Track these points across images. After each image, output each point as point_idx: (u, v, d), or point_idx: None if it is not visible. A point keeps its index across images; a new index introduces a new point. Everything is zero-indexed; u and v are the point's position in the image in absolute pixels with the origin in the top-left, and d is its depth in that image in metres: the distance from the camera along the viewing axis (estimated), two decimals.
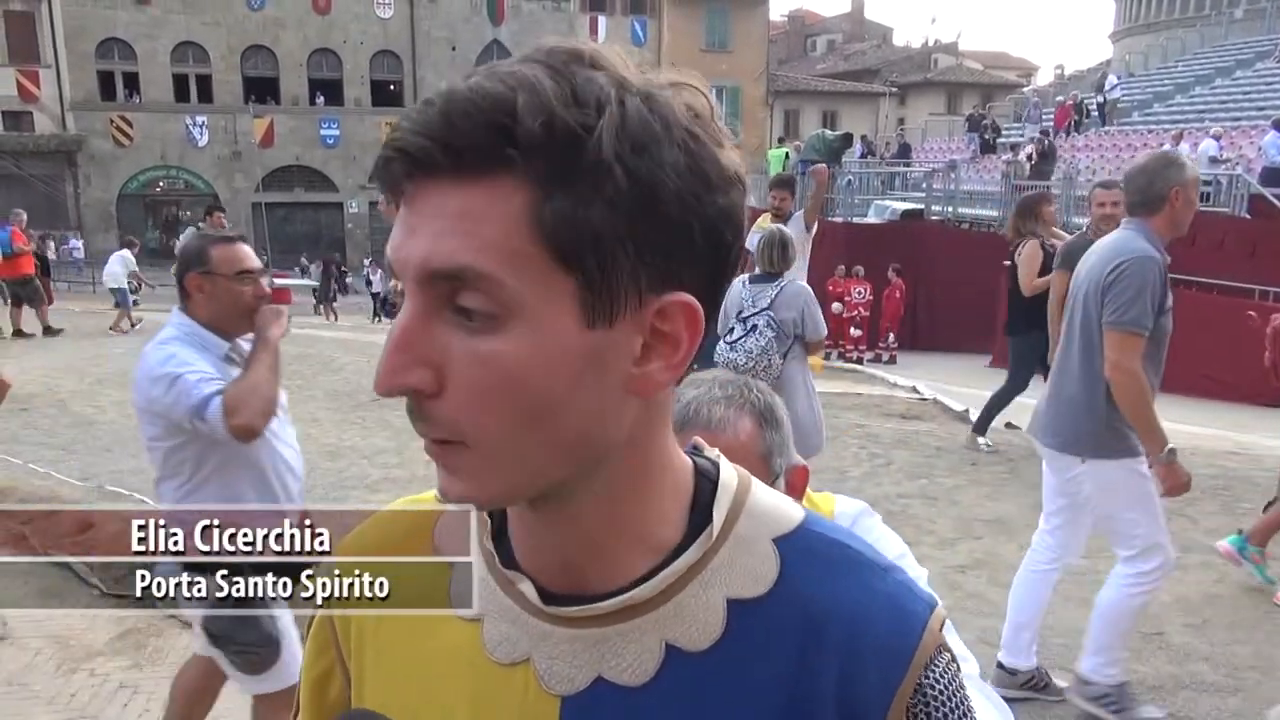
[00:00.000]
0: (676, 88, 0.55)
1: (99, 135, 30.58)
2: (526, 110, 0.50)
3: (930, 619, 0.60)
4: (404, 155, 0.52)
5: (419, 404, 0.54)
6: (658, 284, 0.54)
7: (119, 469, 5.97)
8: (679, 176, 0.52)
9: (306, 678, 0.74)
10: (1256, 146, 15.53)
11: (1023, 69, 58.91)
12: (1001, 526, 4.97)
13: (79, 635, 3.86)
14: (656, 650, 0.59)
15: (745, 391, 1.21)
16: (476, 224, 0.51)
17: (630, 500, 0.59)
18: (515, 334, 0.51)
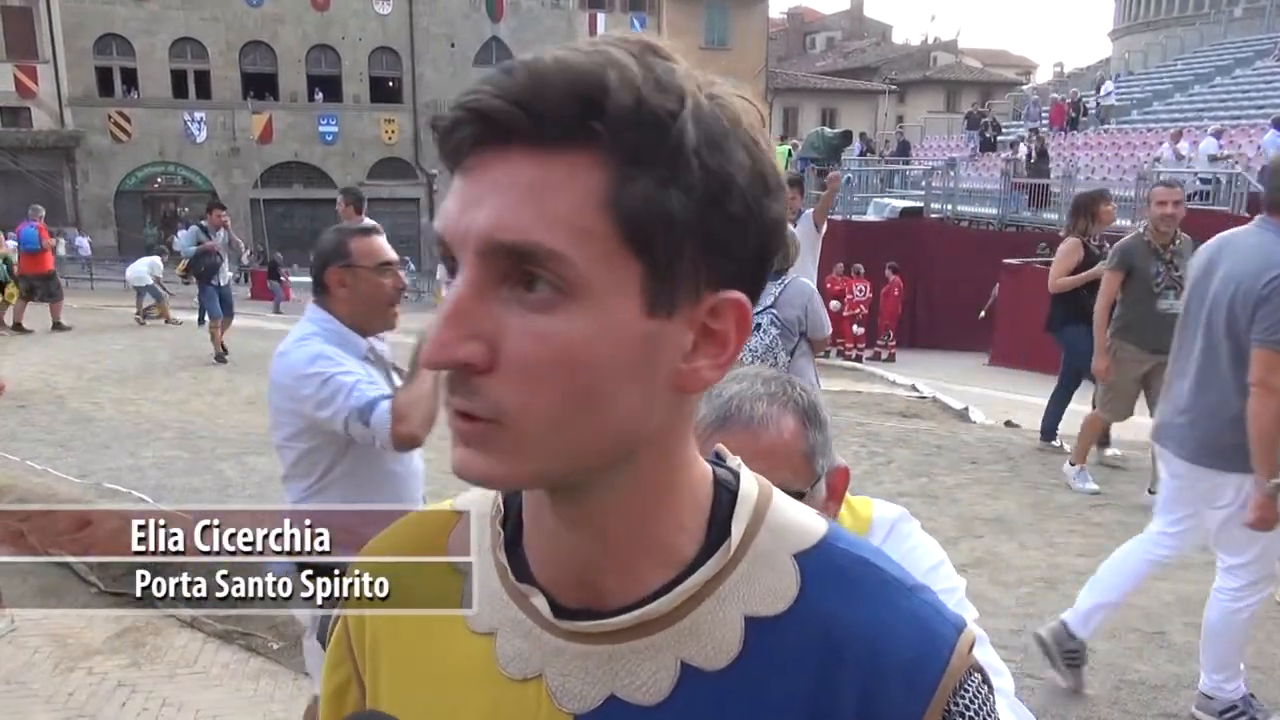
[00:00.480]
0: (737, 95, 0.55)
1: (97, 131, 30.51)
2: (619, 86, 0.49)
3: (959, 641, 0.58)
4: (480, 119, 0.50)
5: (466, 379, 0.51)
6: (715, 280, 0.53)
7: (117, 466, 5.95)
8: (746, 177, 0.52)
9: (326, 689, 0.73)
10: (1256, 145, 15.54)
11: (1022, 67, 58.88)
12: (1002, 525, 4.96)
13: (77, 634, 3.85)
14: (672, 668, 0.57)
15: (788, 389, 1.17)
16: (550, 198, 0.49)
17: (652, 503, 0.58)
18: (577, 314, 0.50)
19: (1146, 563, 3.21)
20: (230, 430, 7.01)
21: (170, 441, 6.65)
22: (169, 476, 5.73)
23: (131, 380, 8.98)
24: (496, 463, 0.52)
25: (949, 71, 47.77)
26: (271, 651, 3.67)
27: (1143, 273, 5.09)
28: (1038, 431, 6.63)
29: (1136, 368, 5.15)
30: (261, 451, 6.35)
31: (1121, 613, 3.85)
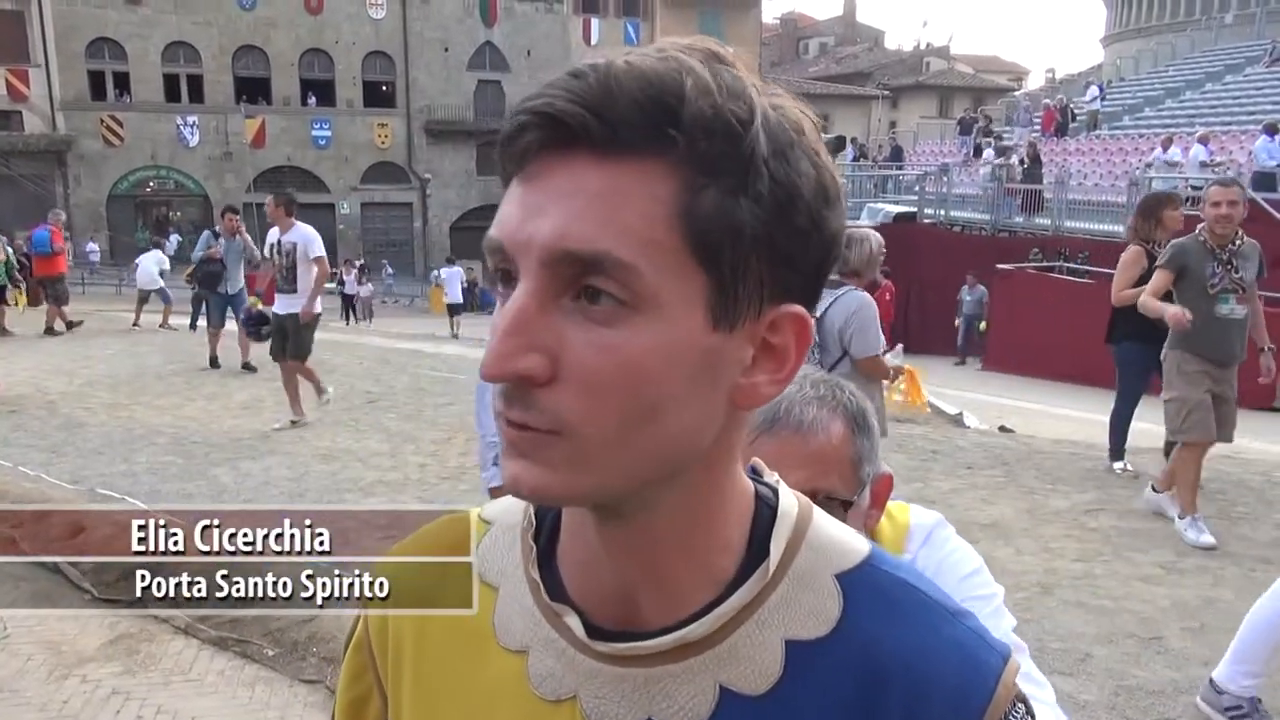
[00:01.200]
0: (796, 105, 0.54)
1: (89, 135, 30.44)
2: (695, 93, 0.48)
3: (1004, 671, 0.57)
4: (550, 122, 0.48)
5: (525, 392, 0.50)
6: (778, 294, 0.52)
7: (110, 472, 5.92)
8: (810, 188, 0.51)
9: (342, 700, 0.72)
10: (1246, 151, 15.61)
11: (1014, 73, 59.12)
12: (998, 530, 4.96)
13: (70, 641, 3.82)
14: (711, 692, 0.56)
15: (838, 393, 1.15)
16: (620, 207, 0.48)
17: (700, 522, 0.56)
18: (642, 327, 0.49)
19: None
20: (224, 436, 6.98)
21: (163, 447, 6.61)
22: (162, 482, 5.70)
23: (124, 385, 8.93)
24: (552, 477, 0.51)
25: (941, 77, 47.96)
26: (267, 658, 3.65)
27: (1197, 274, 4.70)
28: (1032, 435, 6.64)
29: (1204, 380, 4.72)
30: (255, 457, 6.33)
31: (1117, 618, 3.86)
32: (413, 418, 7.79)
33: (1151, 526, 5.03)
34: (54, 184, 29.91)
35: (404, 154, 34.26)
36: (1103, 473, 6.14)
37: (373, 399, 8.65)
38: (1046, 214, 16.22)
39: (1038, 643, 3.60)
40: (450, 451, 6.62)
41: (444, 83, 34.05)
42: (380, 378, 9.91)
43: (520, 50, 34.55)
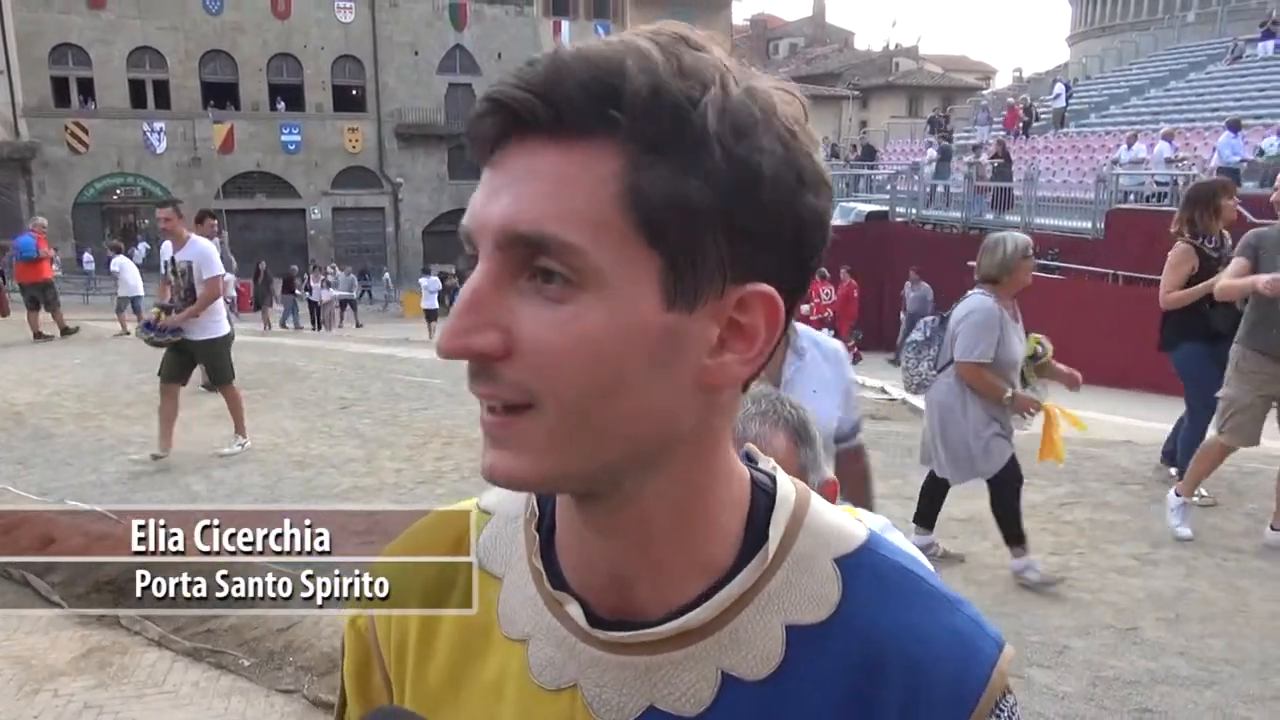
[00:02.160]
0: (776, 88, 0.54)
1: (53, 142, 29.99)
2: (636, 73, 0.49)
3: (999, 659, 0.57)
4: (502, 109, 0.50)
5: (486, 367, 0.51)
6: (742, 273, 0.52)
7: (79, 483, 5.82)
8: (775, 167, 0.51)
9: (348, 669, 0.71)
10: (1210, 147, 15.84)
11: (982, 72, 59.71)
12: (975, 525, 4.99)
13: (40, 655, 3.75)
14: (713, 679, 0.56)
15: (778, 407, 1.17)
16: (567, 188, 0.49)
17: (688, 507, 0.56)
18: (592, 305, 0.49)
19: None
20: (196, 444, 6.89)
21: (134, 456, 6.52)
22: (133, 492, 5.62)
23: (92, 395, 8.80)
24: (525, 461, 0.52)
25: (911, 77, 48.33)
26: (243, 669, 3.60)
27: (1270, 265, 4.30)
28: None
29: (1259, 381, 4.36)
30: (227, 464, 6.25)
31: (1094, 610, 3.90)
32: (388, 423, 7.73)
33: (1126, 519, 5.08)
34: (18, 192, 29.44)
35: (375, 158, 34.05)
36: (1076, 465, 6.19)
37: (346, 404, 8.58)
38: (1016, 211, 16.37)
39: (1016, 636, 3.62)
40: (426, 456, 6.57)
41: (414, 86, 33.87)
42: (354, 383, 9.83)
43: (491, 53, 34.44)
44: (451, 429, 7.39)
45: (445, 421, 7.72)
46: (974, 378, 3.94)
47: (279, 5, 32.01)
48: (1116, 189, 14.79)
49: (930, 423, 4.31)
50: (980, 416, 4.05)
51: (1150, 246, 13.27)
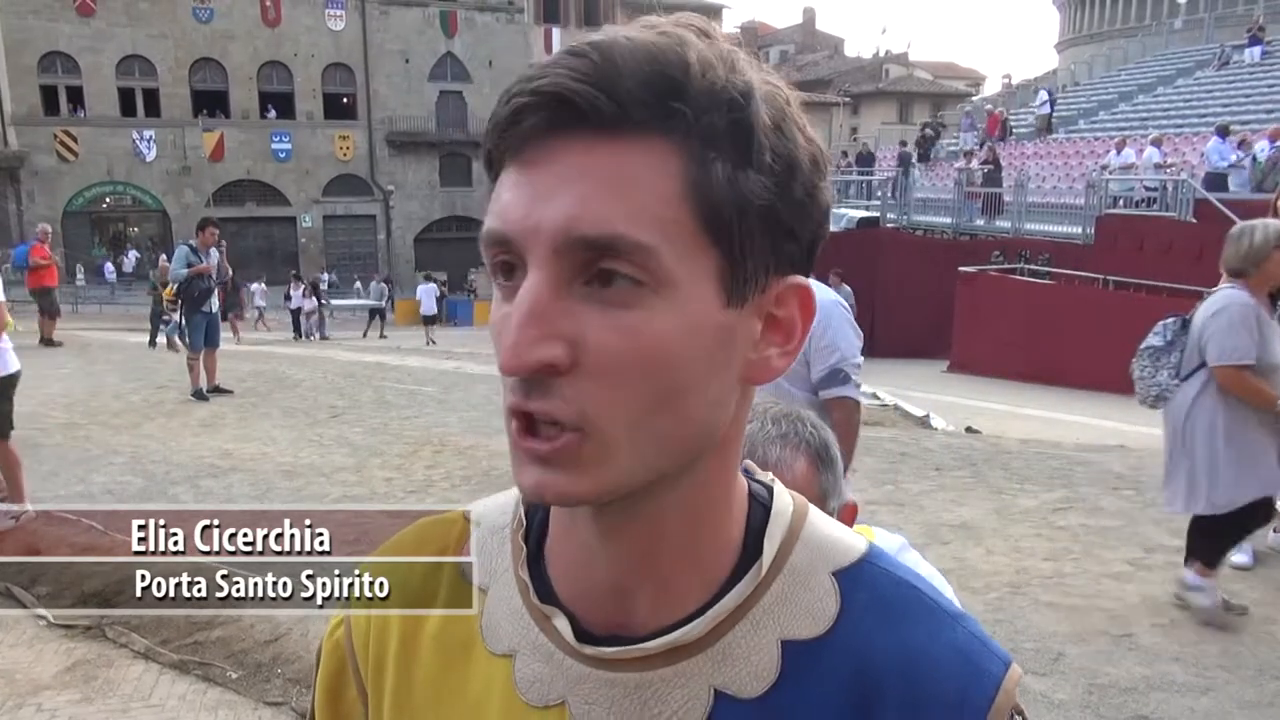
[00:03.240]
0: (777, 78, 0.54)
1: (42, 151, 29.87)
2: (700, 67, 0.48)
3: (1005, 679, 0.55)
4: (555, 102, 0.47)
5: (545, 381, 0.48)
6: (781, 267, 0.52)
7: (66, 493, 5.78)
8: (804, 158, 0.51)
9: (320, 687, 0.69)
10: (1199, 152, 15.91)
11: (971, 78, 59.98)
12: (968, 532, 4.98)
13: (25, 668, 3.70)
14: (704, 697, 0.54)
15: (800, 428, 1.13)
16: (631, 186, 0.47)
17: (705, 512, 0.55)
18: (660, 308, 0.48)
19: None
20: (184, 454, 6.84)
21: (122, 467, 6.47)
22: (120, 502, 5.56)
23: (80, 405, 8.74)
24: (578, 478, 0.49)
25: (901, 83, 48.54)
26: (230, 681, 3.55)
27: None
28: (999, 436, 6.68)
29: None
30: (216, 474, 6.21)
31: (1088, 617, 3.88)
32: (378, 431, 7.69)
33: (1119, 524, 5.07)
34: (7, 201, 29.31)
35: (366, 166, 34.01)
36: (1069, 470, 6.19)
37: (337, 413, 8.54)
38: (1007, 217, 16.42)
39: (1010, 643, 3.60)
40: (416, 465, 6.53)
41: (405, 94, 33.86)
42: (345, 391, 9.79)
43: (481, 60, 34.45)
44: (442, 437, 7.35)
45: (436, 429, 7.69)
46: (1236, 383, 3.42)
47: (269, 13, 31.98)
48: (1106, 194, 14.84)
49: (1173, 441, 3.72)
50: (1240, 431, 3.48)
51: (1139, 251, 13.36)
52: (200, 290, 8.97)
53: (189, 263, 8.93)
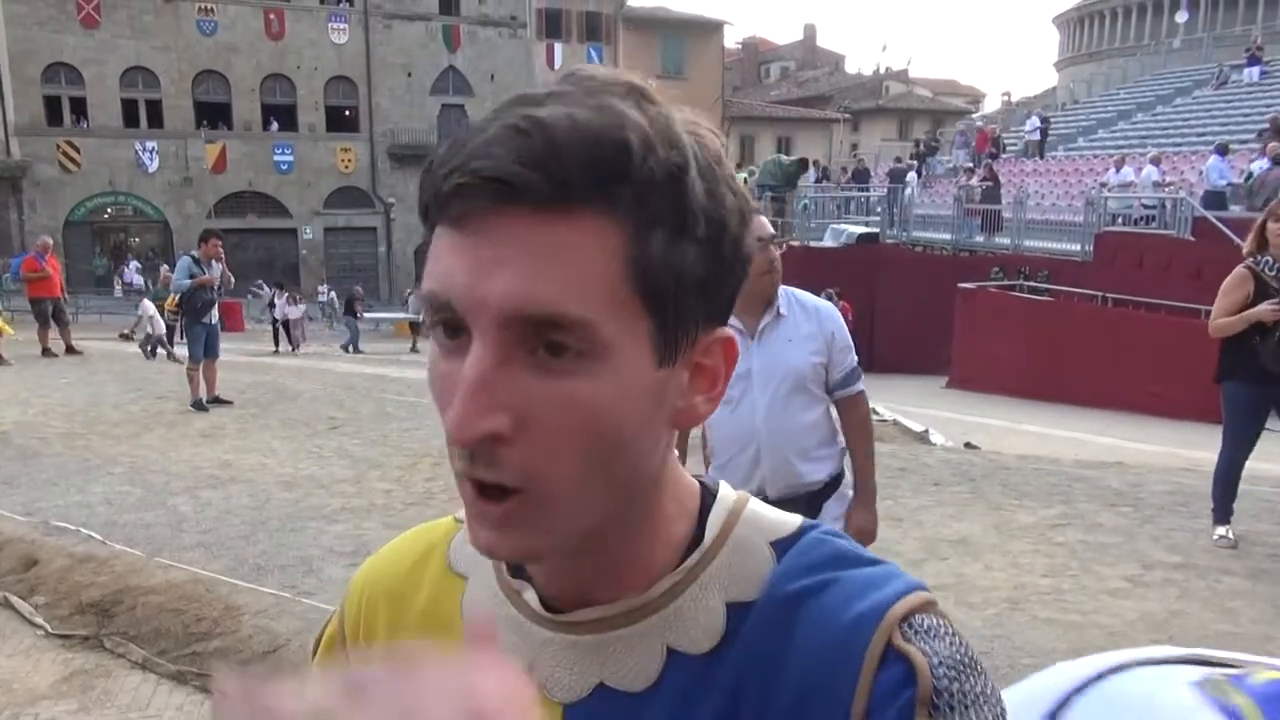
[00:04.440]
0: (700, 123, 0.55)
1: (45, 161, 29.94)
2: (639, 148, 0.49)
3: (909, 595, 0.56)
4: (495, 184, 0.48)
5: (490, 450, 0.51)
6: (709, 321, 0.55)
7: (65, 503, 5.77)
8: (734, 218, 0.54)
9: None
10: (1198, 171, 15.97)
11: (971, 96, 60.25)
12: (966, 548, 4.98)
13: (22, 678, 3.70)
14: (659, 655, 0.58)
15: None
16: (572, 263, 0.49)
17: (645, 529, 0.59)
18: (599, 373, 0.50)
19: None
20: (183, 465, 6.84)
21: (121, 477, 6.47)
22: (119, 513, 5.56)
23: (79, 415, 8.74)
24: (529, 537, 0.53)
25: (901, 100, 48.73)
26: None
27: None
28: (997, 452, 6.68)
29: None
30: (215, 485, 6.21)
31: (1086, 633, 3.88)
32: (377, 443, 7.69)
33: (1117, 541, 5.08)
34: (8, 211, 29.35)
35: (367, 178, 34.09)
36: (1067, 486, 6.19)
37: (336, 425, 8.54)
38: (1006, 233, 16.47)
39: (1008, 659, 3.60)
40: (416, 477, 6.54)
41: (407, 107, 33.97)
42: (344, 403, 9.79)
43: (484, 75, 34.59)
44: (441, 449, 7.32)
45: (435, 442, 7.69)
46: None
47: (273, 26, 32.13)
48: (1105, 212, 14.89)
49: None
50: None
51: (1138, 268, 13.39)
52: (203, 301, 8.99)
53: (191, 274, 8.93)
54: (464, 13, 34.44)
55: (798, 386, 2.68)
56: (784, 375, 2.65)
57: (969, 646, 0.56)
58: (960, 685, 0.53)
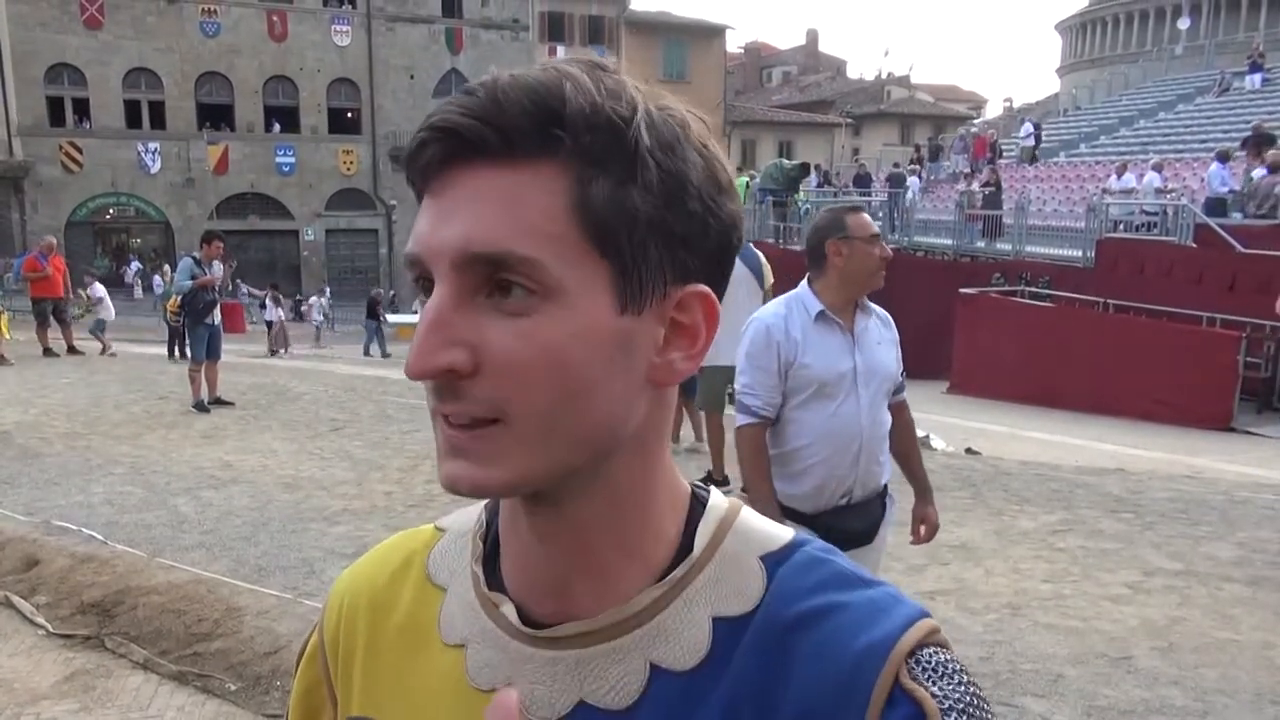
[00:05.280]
0: (686, 109, 0.58)
1: (47, 161, 29.96)
2: (575, 95, 0.52)
3: (920, 618, 0.56)
4: (450, 136, 0.53)
5: (454, 385, 0.53)
6: (680, 276, 0.56)
7: (66, 503, 5.77)
8: (699, 176, 0.55)
9: (295, 713, 0.74)
10: (1199, 177, 15.98)
11: (973, 101, 60.26)
12: (968, 553, 4.98)
13: (24, 678, 3.70)
14: (641, 671, 0.57)
15: None
16: (520, 207, 0.52)
17: (629, 507, 0.59)
18: (553, 314, 0.52)
19: None
20: (184, 465, 6.84)
21: (122, 477, 6.47)
22: (120, 513, 5.57)
23: (80, 415, 8.75)
24: (490, 469, 0.54)
25: (903, 105, 48.73)
26: (229, 693, 3.55)
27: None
28: (998, 457, 6.67)
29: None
30: (217, 486, 6.21)
31: (1087, 639, 3.88)
32: (379, 445, 7.69)
33: (1118, 547, 5.08)
34: (10, 211, 29.37)
35: (369, 180, 34.12)
36: (1068, 492, 6.19)
37: (337, 426, 8.54)
38: (1008, 239, 16.46)
39: (1009, 664, 3.60)
40: (417, 479, 6.54)
41: (410, 109, 33.99)
42: (345, 405, 9.79)
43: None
44: None
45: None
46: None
47: (275, 28, 32.17)
48: (1107, 218, 14.88)
49: None
50: None
51: (1139, 275, 13.39)
52: (204, 303, 9.01)
53: (193, 275, 8.95)
54: (466, 15, 34.50)
55: (886, 389, 2.79)
56: (882, 376, 2.76)
57: (976, 686, 0.57)
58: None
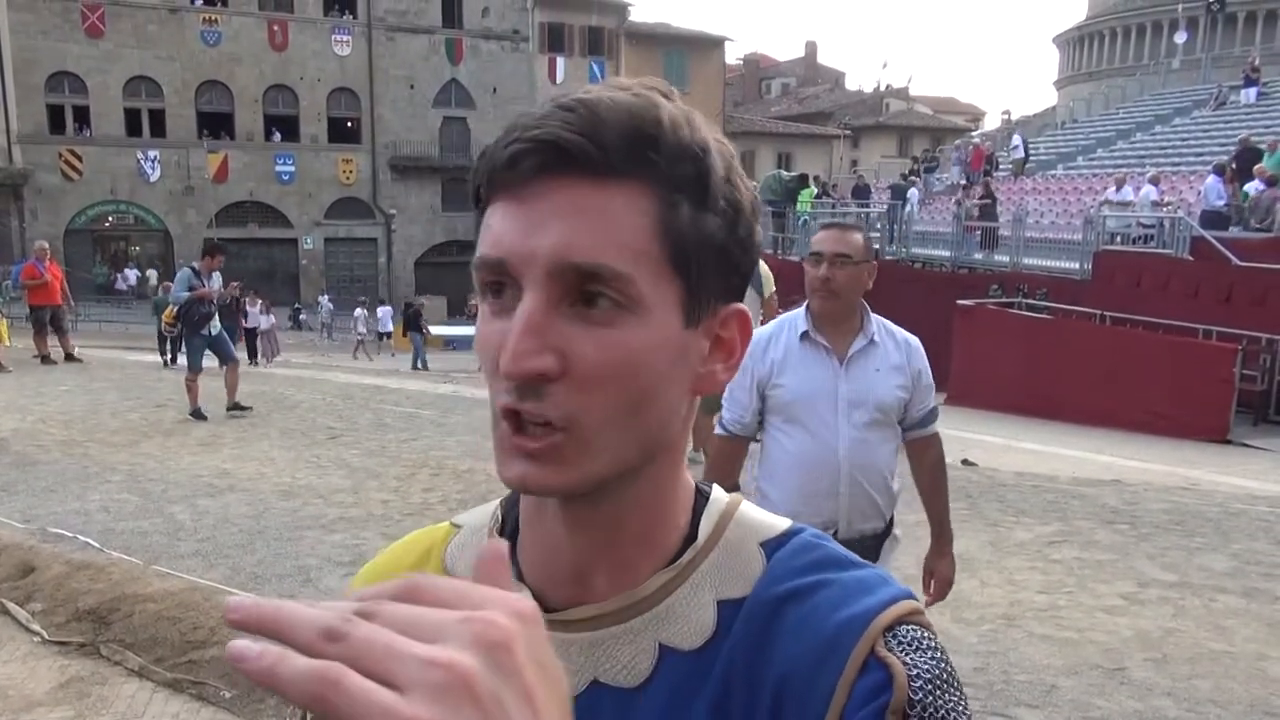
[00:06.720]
0: (720, 136, 0.62)
1: (47, 169, 30.04)
2: (670, 124, 0.57)
3: (904, 597, 0.59)
4: (550, 148, 0.55)
5: (538, 387, 0.56)
6: (726, 295, 0.61)
7: (63, 510, 5.77)
8: (747, 204, 0.61)
9: None
10: (1196, 190, 16.03)
11: (971, 114, 60.49)
12: (963, 563, 4.93)
13: (18, 685, 3.69)
14: (651, 651, 0.61)
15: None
16: (613, 223, 0.55)
17: (660, 503, 0.63)
18: (635, 327, 0.56)
19: None
20: (181, 473, 6.84)
21: (119, 485, 6.47)
22: (117, 520, 5.57)
23: (78, 422, 8.74)
24: (556, 472, 0.57)
25: (901, 117, 48.93)
26: (224, 700, 3.55)
27: None
28: (994, 469, 6.68)
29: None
30: (213, 494, 6.21)
31: (1081, 650, 3.89)
32: (375, 453, 7.70)
33: (1113, 558, 5.08)
34: (9, 218, 29.41)
35: (369, 189, 34.19)
36: (1064, 504, 6.20)
37: (334, 434, 8.54)
38: (1005, 251, 16.50)
39: (1003, 675, 3.61)
40: (414, 487, 6.54)
41: (409, 119, 34.11)
42: (342, 413, 9.79)
43: (486, 88, 34.74)
44: (440, 460, 7.36)
45: (434, 452, 7.70)
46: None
47: (276, 38, 32.29)
48: (1104, 231, 14.93)
49: None
50: None
51: (1136, 287, 13.43)
52: (200, 314, 9.01)
53: (190, 286, 8.97)
54: (467, 26, 34.64)
55: (881, 419, 2.61)
56: (875, 406, 2.57)
57: (949, 662, 0.59)
58: (934, 699, 0.57)
